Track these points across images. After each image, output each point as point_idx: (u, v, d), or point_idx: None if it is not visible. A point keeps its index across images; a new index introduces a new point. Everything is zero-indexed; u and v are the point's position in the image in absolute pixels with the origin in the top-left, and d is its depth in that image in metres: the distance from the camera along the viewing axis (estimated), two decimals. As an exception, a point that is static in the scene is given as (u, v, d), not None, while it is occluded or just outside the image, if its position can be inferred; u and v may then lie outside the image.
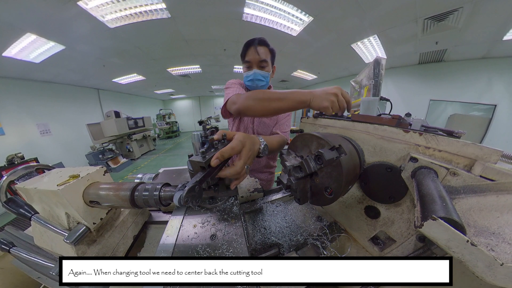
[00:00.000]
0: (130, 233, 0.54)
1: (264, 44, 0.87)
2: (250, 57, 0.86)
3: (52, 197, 0.39)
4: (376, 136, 0.42)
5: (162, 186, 0.38)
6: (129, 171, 4.53)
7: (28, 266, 0.50)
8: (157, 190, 0.38)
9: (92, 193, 0.42)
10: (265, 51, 0.87)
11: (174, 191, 0.37)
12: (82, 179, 0.42)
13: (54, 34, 2.57)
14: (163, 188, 0.38)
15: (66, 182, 0.40)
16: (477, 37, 2.64)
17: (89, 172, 0.44)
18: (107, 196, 0.41)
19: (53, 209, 0.42)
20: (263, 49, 0.87)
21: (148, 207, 0.40)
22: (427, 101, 3.91)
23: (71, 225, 0.41)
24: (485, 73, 3.19)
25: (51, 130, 4.35)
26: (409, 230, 0.39)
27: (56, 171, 0.50)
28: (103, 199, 0.41)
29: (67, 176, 0.42)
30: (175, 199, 0.30)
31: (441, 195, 0.23)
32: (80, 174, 0.43)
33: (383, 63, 0.84)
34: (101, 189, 0.42)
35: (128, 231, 0.53)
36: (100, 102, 5.95)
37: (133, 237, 0.55)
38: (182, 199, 0.29)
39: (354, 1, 2.20)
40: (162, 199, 0.37)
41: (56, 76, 4.11)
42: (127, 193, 0.39)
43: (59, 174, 0.45)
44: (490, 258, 0.16)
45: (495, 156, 0.27)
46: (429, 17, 2.32)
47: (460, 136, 0.38)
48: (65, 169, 0.50)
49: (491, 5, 2.00)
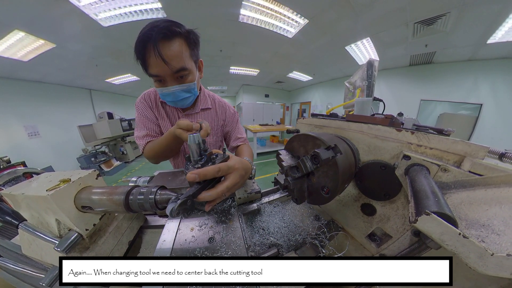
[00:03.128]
0: (125, 238, 0.52)
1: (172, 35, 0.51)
2: (156, 70, 0.53)
3: (41, 203, 0.38)
4: (370, 135, 0.43)
5: (157, 190, 0.37)
6: (123, 174, 4.40)
7: (15, 277, 0.47)
8: (153, 193, 0.37)
9: (84, 198, 0.40)
10: (178, 51, 0.53)
11: (171, 194, 0.36)
12: (74, 184, 0.40)
13: (44, 32, 2.48)
14: (159, 191, 0.37)
15: (56, 187, 0.38)
16: (463, 40, 2.77)
17: (81, 176, 0.43)
18: (100, 201, 0.39)
19: (42, 216, 0.40)
20: (175, 48, 0.52)
21: (143, 211, 0.39)
22: (418, 101, 4.06)
23: (62, 232, 0.39)
24: (472, 74, 3.35)
25: (39, 132, 4.17)
26: (404, 225, 0.40)
27: (45, 175, 0.47)
28: (96, 204, 0.40)
29: (57, 181, 0.40)
30: (167, 211, 0.30)
31: (434, 191, 0.24)
32: (71, 178, 0.41)
33: (376, 65, 0.86)
34: (94, 194, 0.40)
35: (123, 237, 0.52)
36: (92, 103, 5.77)
37: (128, 242, 0.53)
38: (174, 212, 0.29)
39: (348, 5, 2.25)
40: (158, 202, 0.36)
41: (46, 75, 3.96)
42: (121, 197, 0.38)
43: (49, 178, 0.43)
44: (481, 249, 0.17)
45: (483, 152, 0.29)
46: (418, 21, 2.42)
47: (450, 134, 0.40)
48: (55, 173, 0.48)
49: (476, 11, 2.11)
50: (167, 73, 0.55)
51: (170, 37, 0.52)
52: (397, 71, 4.29)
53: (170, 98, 0.61)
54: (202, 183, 0.36)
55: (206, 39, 3.16)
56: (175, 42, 0.53)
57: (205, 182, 0.37)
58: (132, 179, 0.66)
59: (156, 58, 0.50)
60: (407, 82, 4.21)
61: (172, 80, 0.57)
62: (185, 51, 0.56)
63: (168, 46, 0.51)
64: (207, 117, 0.79)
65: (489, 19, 2.21)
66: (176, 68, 0.54)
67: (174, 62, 0.53)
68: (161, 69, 0.53)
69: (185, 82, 0.59)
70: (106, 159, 4.47)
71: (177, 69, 0.55)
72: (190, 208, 0.32)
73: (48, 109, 4.38)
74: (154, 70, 0.54)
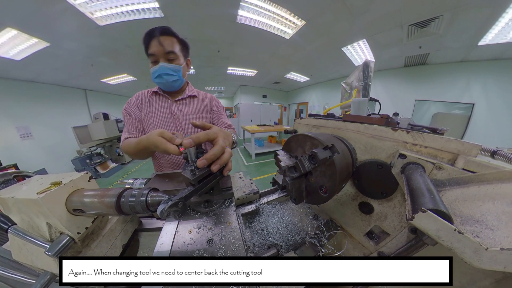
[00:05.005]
0: (118, 242, 0.51)
1: (169, 33, 0.75)
2: (153, 49, 0.73)
3: (31, 206, 0.37)
4: (367, 135, 0.44)
5: (149, 191, 0.37)
6: (119, 176, 4.33)
7: (6, 284, 0.45)
8: (144, 195, 0.36)
9: (75, 200, 0.39)
10: (171, 41, 0.76)
11: (162, 196, 0.36)
12: (65, 186, 0.40)
13: (37, 30, 2.41)
14: (151, 193, 0.37)
15: (47, 189, 0.37)
16: (455, 42, 2.85)
17: (73, 179, 0.42)
18: (92, 204, 0.39)
19: (33, 220, 0.39)
20: (169, 40, 0.75)
21: (136, 213, 0.39)
22: (412, 101, 4.15)
23: (53, 236, 0.39)
24: (464, 75, 3.45)
25: (32, 134, 4.06)
26: (401, 223, 0.40)
27: (36, 178, 0.46)
28: (87, 207, 0.39)
29: (48, 184, 0.39)
30: (158, 211, 0.30)
31: (429, 188, 0.24)
32: (63, 181, 0.41)
33: (372, 66, 0.88)
34: (86, 196, 0.40)
35: (117, 240, 0.51)
36: (87, 104, 5.66)
37: (122, 246, 0.52)
38: (164, 213, 0.29)
39: (345, 7, 2.29)
40: (150, 205, 0.36)
41: (39, 75, 3.86)
42: (113, 200, 0.37)
43: (40, 181, 0.42)
44: (476, 244, 0.17)
45: (475, 150, 0.30)
46: (413, 23, 2.47)
47: (444, 132, 0.41)
48: (46, 176, 0.46)
49: (467, 14, 2.18)
50: (160, 53, 0.75)
51: (167, 33, 0.76)
52: (393, 72, 4.37)
53: (158, 72, 0.76)
54: (197, 185, 0.36)
55: (204, 39, 3.16)
56: (170, 37, 0.77)
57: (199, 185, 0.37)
58: (129, 181, 0.64)
59: (155, 41, 0.73)
60: (402, 82, 4.29)
61: (164, 60, 0.77)
62: (176, 44, 0.78)
63: (164, 36, 0.75)
64: (195, 104, 0.92)
65: (480, 22, 2.28)
66: (167, 49, 0.75)
67: (166, 45, 0.75)
68: (156, 49, 0.74)
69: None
70: (101, 161, 4.38)
71: (168, 51, 0.75)
72: (182, 210, 0.32)
73: (42, 110, 4.28)
74: (152, 49, 0.74)
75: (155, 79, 0.79)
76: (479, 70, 3.29)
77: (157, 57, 0.75)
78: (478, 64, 3.28)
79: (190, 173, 0.37)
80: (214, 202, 0.57)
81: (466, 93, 3.45)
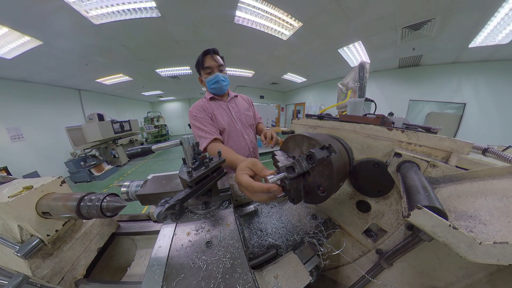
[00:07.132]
0: (94, 245, 0.52)
1: (218, 52, 1.03)
2: (209, 64, 0.99)
3: (4, 209, 0.38)
4: (363, 134, 0.45)
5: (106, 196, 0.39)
6: (114, 178, 4.23)
7: None
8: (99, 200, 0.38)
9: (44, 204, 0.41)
10: (220, 58, 1.02)
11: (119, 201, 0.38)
12: (36, 190, 0.41)
13: (30, 28, 2.34)
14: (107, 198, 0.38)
15: (18, 193, 0.39)
16: (447, 44, 2.94)
17: (44, 183, 0.44)
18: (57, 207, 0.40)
19: (6, 222, 0.40)
20: (218, 57, 1.01)
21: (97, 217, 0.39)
22: (407, 101, 4.25)
23: (24, 238, 0.40)
24: (456, 75, 3.56)
25: (23, 135, 3.93)
26: (398, 220, 0.41)
27: (16, 182, 0.47)
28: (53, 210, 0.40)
29: (21, 188, 0.41)
30: (154, 214, 0.30)
31: (424, 186, 0.25)
32: (35, 185, 0.42)
33: (367, 67, 0.89)
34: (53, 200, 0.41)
35: (92, 244, 0.51)
36: (81, 104, 5.54)
37: (97, 249, 0.53)
38: (160, 216, 0.29)
39: (341, 10, 2.33)
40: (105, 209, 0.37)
41: (31, 74, 3.75)
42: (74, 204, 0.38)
43: (17, 185, 0.43)
44: (470, 238, 0.18)
45: (467, 148, 0.30)
46: (406, 26, 2.54)
47: (437, 131, 0.42)
48: (23, 180, 0.48)
49: (458, 17, 2.25)
50: (214, 65, 1.00)
51: (217, 52, 1.02)
52: (387, 73, 4.47)
53: (215, 79, 1.01)
54: (194, 187, 0.36)
55: (201, 39, 3.15)
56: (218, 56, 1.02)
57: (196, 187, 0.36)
58: (125, 184, 0.63)
59: (209, 57, 0.99)
60: (396, 83, 4.39)
61: (217, 71, 1.02)
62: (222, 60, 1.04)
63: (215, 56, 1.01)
64: (240, 102, 1.20)
65: (470, 25, 2.36)
66: (218, 63, 1.01)
67: (218, 61, 1.01)
68: (213, 63, 0.99)
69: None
70: (96, 163, 4.28)
71: (219, 64, 1.01)
72: (179, 213, 0.32)
73: (34, 110, 4.15)
74: (208, 63, 0.99)
75: (212, 85, 1.03)
76: (470, 71, 3.40)
77: (212, 69, 1.00)
78: (469, 65, 3.39)
79: (187, 175, 0.37)
80: (212, 203, 0.57)
81: (458, 93, 3.56)
